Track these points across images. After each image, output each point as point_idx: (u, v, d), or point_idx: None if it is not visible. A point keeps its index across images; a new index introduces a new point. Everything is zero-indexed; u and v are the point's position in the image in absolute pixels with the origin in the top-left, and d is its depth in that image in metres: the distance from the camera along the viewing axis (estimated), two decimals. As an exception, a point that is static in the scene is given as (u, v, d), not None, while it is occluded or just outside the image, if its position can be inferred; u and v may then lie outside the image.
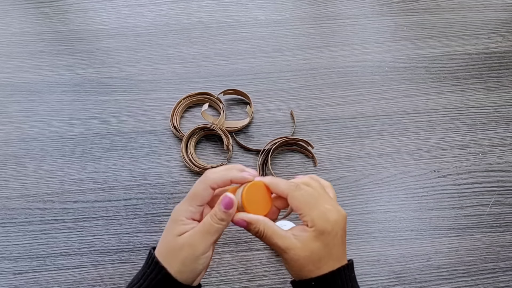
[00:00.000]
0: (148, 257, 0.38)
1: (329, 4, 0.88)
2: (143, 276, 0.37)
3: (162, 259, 0.37)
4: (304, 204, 0.36)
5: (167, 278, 0.36)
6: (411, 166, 0.69)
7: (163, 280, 0.36)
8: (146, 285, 0.36)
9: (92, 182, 0.68)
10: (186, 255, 0.36)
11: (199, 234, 0.36)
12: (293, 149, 0.71)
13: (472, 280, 0.61)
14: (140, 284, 0.37)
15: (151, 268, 0.37)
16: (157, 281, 0.36)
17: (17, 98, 0.76)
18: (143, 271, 0.38)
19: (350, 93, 0.76)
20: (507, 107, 0.75)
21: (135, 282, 0.38)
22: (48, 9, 0.87)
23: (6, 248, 0.62)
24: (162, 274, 0.36)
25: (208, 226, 0.36)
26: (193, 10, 0.87)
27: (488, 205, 0.66)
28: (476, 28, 0.85)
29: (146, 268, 0.37)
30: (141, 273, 0.38)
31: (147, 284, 0.36)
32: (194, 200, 0.37)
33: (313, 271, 0.36)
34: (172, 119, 0.72)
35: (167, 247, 0.37)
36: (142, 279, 0.37)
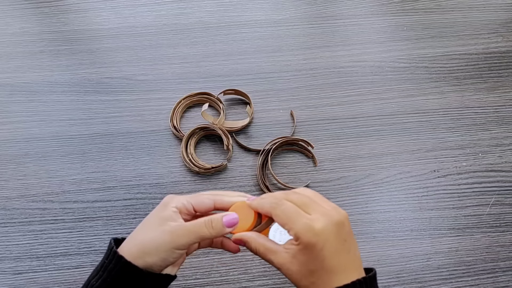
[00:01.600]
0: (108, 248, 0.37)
1: (329, 4, 0.88)
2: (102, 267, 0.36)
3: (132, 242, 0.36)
4: (286, 220, 0.35)
5: (127, 266, 0.34)
6: (411, 166, 0.69)
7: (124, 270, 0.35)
8: (105, 276, 0.35)
9: (92, 182, 0.68)
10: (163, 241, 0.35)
11: (186, 229, 0.35)
12: (293, 149, 0.71)
13: (472, 280, 0.61)
14: (100, 276, 0.35)
15: (110, 258, 0.35)
16: (118, 270, 0.35)
17: (17, 98, 0.76)
18: (102, 262, 0.36)
19: (350, 93, 0.76)
20: (507, 107, 0.75)
21: (94, 274, 0.36)
22: (48, 9, 0.87)
23: (6, 248, 0.62)
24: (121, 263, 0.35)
25: (198, 227, 0.35)
26: (193, 10, 0.87)
27: (488, 205, 0.66)
28: (476, 28, 0.85)
29: (105, 258, 0.36)
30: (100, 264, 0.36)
31: (107, 275, 0.35)
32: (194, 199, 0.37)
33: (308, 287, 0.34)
34: (172, 119, 0.72)
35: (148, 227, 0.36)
36: (101, 270, 0.35)
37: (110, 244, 0.37)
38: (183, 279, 0.60)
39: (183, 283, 0.60)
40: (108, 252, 0.36)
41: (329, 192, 0.67)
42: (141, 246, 0.35)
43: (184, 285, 0.59)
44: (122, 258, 0.35)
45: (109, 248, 0.36)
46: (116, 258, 0.35)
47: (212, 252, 0.62)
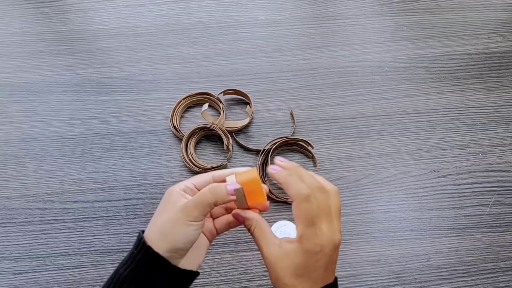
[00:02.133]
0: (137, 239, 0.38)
1: (329, 4, 0.88)
2: (131, 257, 0.37)
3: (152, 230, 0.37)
4: (303, 219, 0.36)
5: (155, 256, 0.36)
6: (411, 166, 0.69)
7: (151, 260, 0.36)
8: (133, 266, 0.36)
9: (92, 182, 0.68)
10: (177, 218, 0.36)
11: (193, 201, 0.37)
12: (293, 149, 0.71)
13: (472, 280, 0.61)
14: (128, 266, 0.36)
15: (138, 248, 0.36)
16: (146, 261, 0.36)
17: (17, 98, 0.76)
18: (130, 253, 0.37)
19: (350, 93, 0.76)
20: (507, 107, 0.75)
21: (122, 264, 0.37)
22: (48, 9, 0.87)
23: (6, 248, 0.62)
24: (149, 254, 0.36)
25: (203, 195, 0.37)
26: (193, 10, 0.87)
27: (488, 205, 0.66)
28: (476, 28, 0.85)
29: (133, 249, 0.37)
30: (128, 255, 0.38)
31: (135, 265, 0.36)
32: (193, 179, 0.39)
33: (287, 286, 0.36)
34: (172, 119, 0.72)
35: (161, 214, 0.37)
36: (130, 260, 0.37)
37: (139, 235, 0.38)
38: (183, 279, 0.60)
39: (183, 283, 0.60)
40: (137, 242, 0.37)
41: (329, 192, 0.66)
42: (160, 229, 0.37)
43: (184, 285, 0.59)
44: (150, 248, 0.36)
45: (138, 239, 0.37)
46: (145, 249, 0.36)
47: (212, 252, 0.62)
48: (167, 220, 0.36)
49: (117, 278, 0.36)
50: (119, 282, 0.36)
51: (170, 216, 0.36)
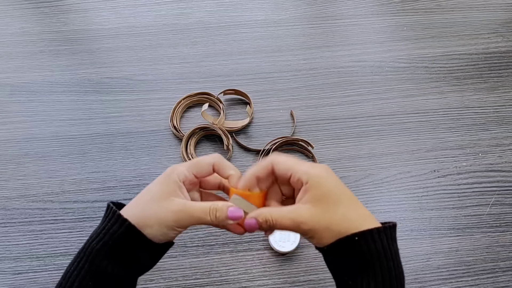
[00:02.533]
0: (107, 211, 0.36)
1: (329, 4, 0.88)
2: (104, 229, 0.35)
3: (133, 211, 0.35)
4: (291, 163, 0.36)
5: (131, 230, 0.34)
6: (411, 166, 0.69)
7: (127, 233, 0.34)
8: (107, 239, 0.34)
9: (92, 182, 0.68)
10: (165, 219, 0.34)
11: (189, 212, 0.35)
12: (293, 149, 0.71)
13: (472, 280, 0.61)
14: (101, 239, 0.35)
15: (112, 221, 0.35)
16: (121, 233, 0.34)
17: (17, 98, 0.76)
18: (102, 225, 0.35)
19: (350, 93, 0.76)
20: (507, 107, 0.75)
21: (94, 237, 0.35)
22: (48, 9, 0.87)
23: (6, 248, 0.62)
24: (125, 226, 0.34)
25: (202, 213, 0.35)
26: (193, 10, 0.87)
27: (488, 205, 0.66)
28: (476, 28, 0.85)
29: (107, 222, 0.35)
30: (100, 228, 0.36)
31: (109, 238, 0.34)
32: (194, 167, 0.37)
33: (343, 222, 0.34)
34: (172, 119, 0.72)
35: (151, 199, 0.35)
36: (102, 233, 0.35)
37: (110, 207, 0.36)
38: (183, 279, 0.60)
39: (183, 283, 0.60)
40: (110, 215, 0.35)
41: (329, 192, 0.66)
42: (143, 218, 0.35)
43: (184, 285, 0.59)
44: (127, 221, 0.34)
45: (111, 211, 0.36)
46: (120, 221, 0.34)
47: (212, 252, 0.62)
48: (154, 214, 0.35)
49: (89, 251, 0.35)
50: (92, 255, 0.34)
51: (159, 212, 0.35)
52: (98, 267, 0.34)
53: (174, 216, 0.34)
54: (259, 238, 0.63)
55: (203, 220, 0.35)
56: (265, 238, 0.63)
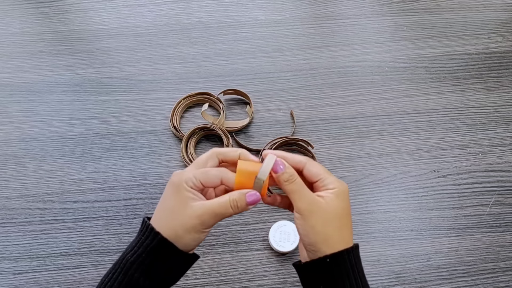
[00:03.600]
0: (142, 225, 0.38)
1: (329, 4, 0.88)
2: (138, 243, 0.37)
3: (161, 225, 0.37)
4: (323, 170, 0.38)
5: (163, 243, 0.36)
6: (411, 166, 0.69)
7: (159, 246, 0.36)
8: (141, 251, 0.36)
9: (92, 182, 0.68)
10: (193, 226, 0.36)
11: (212, 211, 0.36)
12: (293, 149, 0.71)
13: (472, 280, 0.61)
14: (135, 252, 0.36)
15: (146, 235, 0.37)
16: (153, 247, 0.36)
17: (17, 98, 0.76)
18: (137, 239, 0.37)
19: (350, 93, 0.76)
20: (507, 107, 0.75)
21: (128, 250, 0.37)
22: (48, 9, 0.87)
23: (6, 248, 0.62)
24: (158, 240, 0.36)
25: (224, 209, 0.36)
26: (193, 10, 0.87)
27: (488, 205, 0.66)
28: (476, 28, 0.85)
29: (141, 235, 0.37)
30: (135, 241, 0.37)
31: (142, 251, 0.36)
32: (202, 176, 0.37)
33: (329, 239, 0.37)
34: (172, 119, 0.72)
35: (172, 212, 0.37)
36: (137, 246, 0.37)
37: (145, 222, 0.38)
38: (183, 279, 0.60)
39: (183, 283, 0.60)
40: (144, 229, 0.37)
41: (329, 192, 0.66)
42: (173, 232, 0.36)
43: (184, 285, 0.59)
44: (159, 234, 0.36)
45: (145, 226, 0.38)
46: (153, 235, 0.36)
47: (212, 252, 0.62)
48: (181, 225, 0.36)
49: (124, 263, 0.36)
50: (126, 267, 0.36)
51: (185, 221, 0.36)
52: (131, 279, 0.36)
53: (199, 220, 0.36)
54: (259, 238, 0.63)
55: (226, 214, 0.37)
56: (265, 238, 0.63)
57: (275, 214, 0.65)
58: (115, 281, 0.36)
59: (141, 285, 0.36)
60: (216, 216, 0.36)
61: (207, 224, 0.36)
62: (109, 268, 0.37)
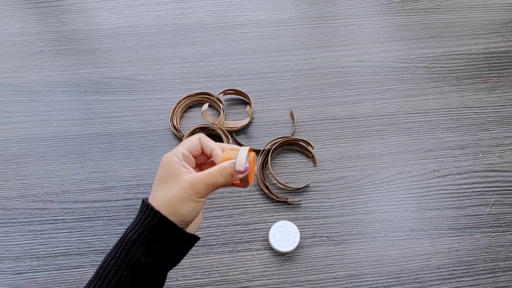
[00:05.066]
0: (142, 205, 0.39)
1: (329, 4, 0.88)
2: (139, 222, 0.38)
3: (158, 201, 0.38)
4: None
5: (162, 220, 0.37)
6: (411, 166, 0.69)
7: (159, 223, 0.37)
8: (142, 230, 0.37)
9: (92, 182, 0.68)
10: (187, 195, 0.37)
11: (203, 181, 0.38)
12: (293, 149, 0.71)
13: (472, 280, 0.61)
14: (136, 230, 0.37)
15: (146, 214, 0.38)
16: (153, 224, 0.37)
17: (17, 98, 0.76)
18: (137, 218, 0.38)
19: (350, 93, 0.76)
20: (507, 107, 0.75)
21: (130, 229, 0.38)
22: (48, 9, 0.87)
23: (6, 248, 0.62)
24: (157, 218, 0.37)
25: (214, 177, 0.38)
26: (193, 10, 0.87)
27: (488, 205, 0.66)
28: (476, 28, 0.85)
29: (141, 215, 0.38)
30: (136, 221, 0.38)
31: (143, 229, 0.37)
32: (185, 145, 0.40)
33: None
34: (172, 119, 0.72)
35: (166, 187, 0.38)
36: (138, 225, 0.38)
37: (144, 202, 0.39)
38: (183, 279, 0.60)
39: (183, 283, 0.60)
40: (144, 208, 0.38)
41: (329, 192, 0.67)
42: (169, 204, 0.37)
43: (184, 285, 0.59)
44: (158, 213, 0.37)
45: (145, 205, 0.38)
46: (153, 213, 0.37)
47: (212, 252, 0.62)
48: (175, 196, 0.37)
49: (126, 241, 0.37)
50: (128, 245, 0.37)
51: (178, 191, 0.37)
52: (133, 257, 0.37)
53: (193, 190, 0.37)
54: (259, 238, 0.63)
55: (218, 183, 0.38)
56: (265, 238, 0.63)
57: (275, 214, 0.65)
58: (117, 259, 0.37)
59: (143, 263, 0.37)
60: (207, 185, 0.38)
61: (201, 193, 0.38)
62: (111, 248, 0.38)
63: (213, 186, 0.38)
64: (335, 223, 0.64)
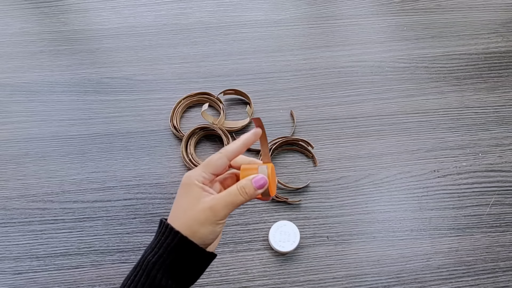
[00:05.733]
0: (160, 226, 0.39)
1: (329, 4, 0.88)
2: (158, 243, 0.37)
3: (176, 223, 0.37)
4: None
5: (183, 241, 0.36)
6: (411, 166, 0.69)
7: (180, 244, 0.36)
8: (162, 252, 0.37)
9: (92, 182, 0.68)
10: (206, 218, 0.37)
11: (222, 201, 0.37)
12: (293, 149, 0.71)
13: (472, 280, 0.61)
14: (156, 252, 0.37)
15: (166, 235, 0.37)
16: (174, 246, 0.36)
17: (17, 98, 0.76)
18: (156, 239, 0.38)
19: (350, 93, 0.76)
20: (507, 107, 0.75)
21: (149, 251, 0.38)
22: (48, 9, 0.87)
23: (6, 248, 0.62)
24: (178, 238, 0.36)
25: (233, 196, 0.37)
26: (193, 10, 0.87)
27: (488, 205, 0.66)
28: (476, 28, 0.85)
29: (160, 236, 0.38)
30: (154, 242, 0.38)
31: (163, 251, 0.37)
32: (208, 167, 0.39)
33: None
34: (172, 119, 0.72)
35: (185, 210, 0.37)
36: (157, 247, 0.37)
37: (163, 222, 0.39)
38: (183, 279, 0.60)
39: (183, 283, 0.60)
40: (163, 229, 0.38)
41: (329, 192, 0.67)
42: (189, 227, 0.37)
43: (184, 285, 0.59)
44: (179, 233, 0.36)
45: (163, 226, 0.38)
46: (173, 234, 0.37)
47: (212, 252, 0.62)
48: (195, 219, 0.37)
49: (145, 264, 0.37)
50: (148, 268, 0.36)
51: (198, 215, 0.37)
52: (153, 280, 0.36)
53: (211, 212, 0.37)
54: (259, 238, 0.63)
55: (237, 202, 0.38)
56: (265, 238, 0.63)
57: (275, 214, 0.65)
58: (138, 283, 0.36)
59: (164, 286, 0.36)
60: (227, 205, 0.37)
61: (220, 214, 0.37)
62: (130, 271, 0.38)
63: (233, 205, 0.38)
64: (335, 223, 0.64)
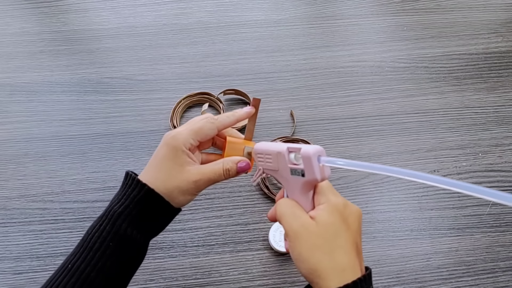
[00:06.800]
0: (126, 178, 0.39)
1: (329, 4, 0.88)
2: (125, 195, 0.38)
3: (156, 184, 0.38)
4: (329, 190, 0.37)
5: (150, 193, 0.37)
6: (411, 166, 0.69)
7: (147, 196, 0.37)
8: (128, 203, 0.37)
9: (92, 182, 0.67)
10: (188, 189, 0.38)
11: (206, 178, 0.38)
12: (293, 149, 0.71)
13: (472, 280, 0.61)
14: (122, 203, 0.37)
15: (132, 187, 0.38)
16: (140, 197, 0.37)
17: (17, 98, 0.76)
18: (123, 191, 0.38)
19: (350, 93, 0.76)
20: (507, 107, 0.75)
21: (115, 202, 0.38)
22: (48, 9, 0.87)
23: (6, 248, 0.62)
24: (145, 190, 0.37)
25: (218, 176, 0.39)
26: (193, 10, 0.87)
27: (488, 205, 0.66)
28: (476, 28, 0.85)
29: (127, 188, 0.38)
30: (121, 194, 0.38)
31: (129, 202, 0.37)
32: (198, 135, 0.39)
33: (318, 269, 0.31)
34: (172, 119, 0.72)
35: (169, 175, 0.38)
36: (124, 198, 0.37)
37: (129, 175, 0.39)
38: (183, 279, 0.60)
39: (183, 283, 0.60)
40: (129, 181, 0.38)
41: (329, 192, 0.66)
42: (169, 192, 0.38)
43: (184, 285, 0.59)
44: (146, 185, 0.37)
45: (130, 178, 0.38)
46: (140, 186, 0.37)
47: (212, 252, 0.62)
48: (177, 187, 0.38)
49: (111, 214, 0.37)
50: (113, 218, 0.37)
51: (181, 184, 0.38)
52: (118, 229, 0.37)
53: (195, 185, 0.38)
54: (259, 238, 0.63)
55: (219, 180, 0.40)
56: (265, 238, 0.63)
57: (275, 214, 0.65)
58: (103, 231, 0.37)
59: (128, 235, 0.37)
60: (209, 181, 0.39)
61: (201, 188, 0.39)
62: (94, 221, 0.38)
63: (215, 182, 0.39)
64: (335, 223, 0.64)
